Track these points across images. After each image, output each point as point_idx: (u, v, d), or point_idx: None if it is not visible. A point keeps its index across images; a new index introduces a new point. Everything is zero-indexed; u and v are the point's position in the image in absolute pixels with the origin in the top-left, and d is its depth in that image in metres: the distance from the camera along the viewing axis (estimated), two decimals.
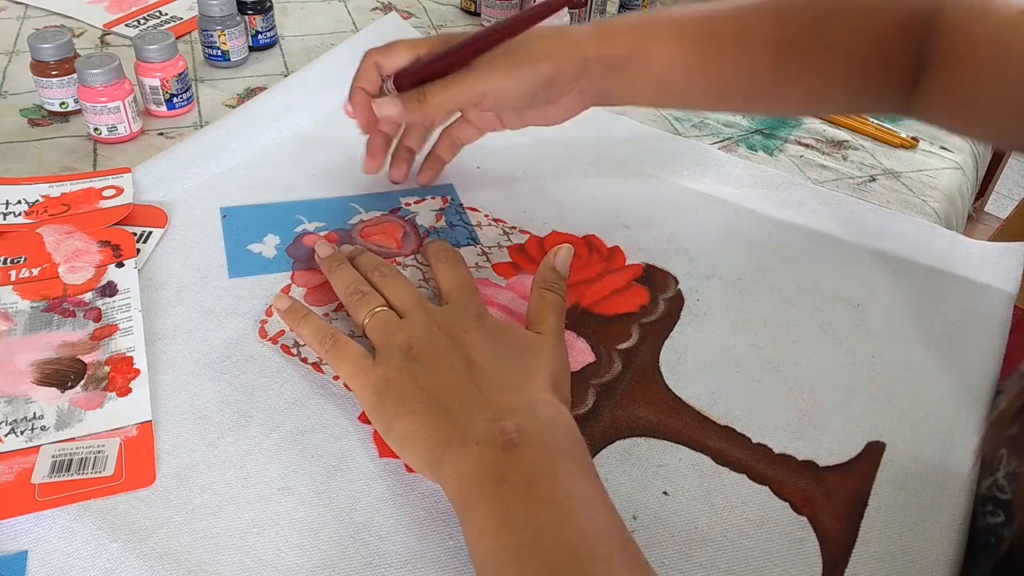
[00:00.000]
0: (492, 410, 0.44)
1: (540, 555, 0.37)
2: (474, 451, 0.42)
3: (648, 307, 0.60)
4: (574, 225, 0.67)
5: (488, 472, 0.41)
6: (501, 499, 0.40)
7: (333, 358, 0.51)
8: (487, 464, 0.41)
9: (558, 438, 0.43)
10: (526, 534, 0.38)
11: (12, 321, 0.54)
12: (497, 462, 0.41)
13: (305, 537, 0.44)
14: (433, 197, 0.69)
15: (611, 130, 0.80)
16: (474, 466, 0.41)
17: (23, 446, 0.47)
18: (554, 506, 0.39)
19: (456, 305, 0.53)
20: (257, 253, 0.62)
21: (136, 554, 0.42)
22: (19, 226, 0.61)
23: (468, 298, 0.54)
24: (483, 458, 0.41)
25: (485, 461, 0.41)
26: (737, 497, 0.48)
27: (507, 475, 0.40)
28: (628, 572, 0.37)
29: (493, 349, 0.48)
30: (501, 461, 0.41)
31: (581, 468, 0.42)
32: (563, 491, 0.40)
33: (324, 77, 0.82)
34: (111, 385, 0.50)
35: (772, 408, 0.54)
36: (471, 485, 0.41)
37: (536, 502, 0.39)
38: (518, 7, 0.95)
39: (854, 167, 0.79)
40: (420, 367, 0.47)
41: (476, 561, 0.40)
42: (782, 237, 0.68)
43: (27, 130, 0.75)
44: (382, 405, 0.47)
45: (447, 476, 0.43)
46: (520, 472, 0.40)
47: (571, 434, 0.44)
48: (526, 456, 0.41)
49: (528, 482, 0.40)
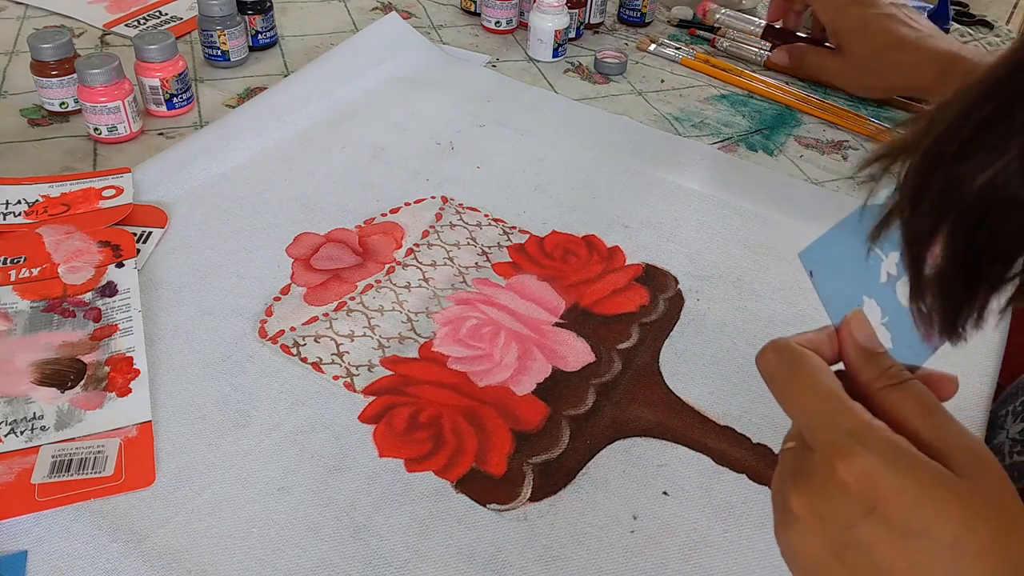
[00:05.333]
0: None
1: None
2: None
3: (648, 307, 0.60)
4: (574, 225, 0.67)
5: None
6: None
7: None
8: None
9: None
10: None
11: (12, 321, 0.54)
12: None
13: (305, 537, 0.44)
14: (433, 197, 0.69)
15: (611, 130, 0.80)
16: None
17: (23, 446, 0.46)
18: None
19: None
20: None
21: (136, 554, 0.42)
22: (19, 226, 0.61)
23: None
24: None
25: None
26: (737, 497, 0.48)
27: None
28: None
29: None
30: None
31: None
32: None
33: (324, 77, 0.82)
34: (111, 385, 0.50)
35: (772, 408, 0.53)
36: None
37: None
38: (517, 7, 0.95)
39: (854, 167, 0.79)
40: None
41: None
42: (782, 237, 0.68)
43: (27, 130, 0.75)
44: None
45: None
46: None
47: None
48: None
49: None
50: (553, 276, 0.62)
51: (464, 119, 0.79)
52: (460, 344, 0.56)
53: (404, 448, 0.49)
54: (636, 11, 1.00)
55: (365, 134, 0.76)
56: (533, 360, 0.55)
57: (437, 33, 0.96)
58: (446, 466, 0.48)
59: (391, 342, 0.56)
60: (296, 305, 0.58)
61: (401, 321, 0.58)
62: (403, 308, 0.59)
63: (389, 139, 0.75)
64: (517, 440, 0.50)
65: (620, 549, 0.45)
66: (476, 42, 0.95)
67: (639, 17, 1.00)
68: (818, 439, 0.32)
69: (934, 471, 0.30)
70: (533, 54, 0.92)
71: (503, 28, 0.95)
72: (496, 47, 0.94)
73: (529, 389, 0.53)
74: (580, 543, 0.45)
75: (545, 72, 0.90)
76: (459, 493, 0.47)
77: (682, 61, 0.94)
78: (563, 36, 0.90)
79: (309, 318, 0.57)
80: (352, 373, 0.54)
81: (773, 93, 0.88)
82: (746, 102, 0.88)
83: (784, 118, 0.86)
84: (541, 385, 0.54)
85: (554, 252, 0.65)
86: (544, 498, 0.47)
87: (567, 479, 0.48)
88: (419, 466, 0.48)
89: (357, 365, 0.54)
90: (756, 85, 0.89)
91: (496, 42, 0.95)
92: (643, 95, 0.88)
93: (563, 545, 0.45)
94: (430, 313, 0.58)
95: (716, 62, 0.93)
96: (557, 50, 0.91)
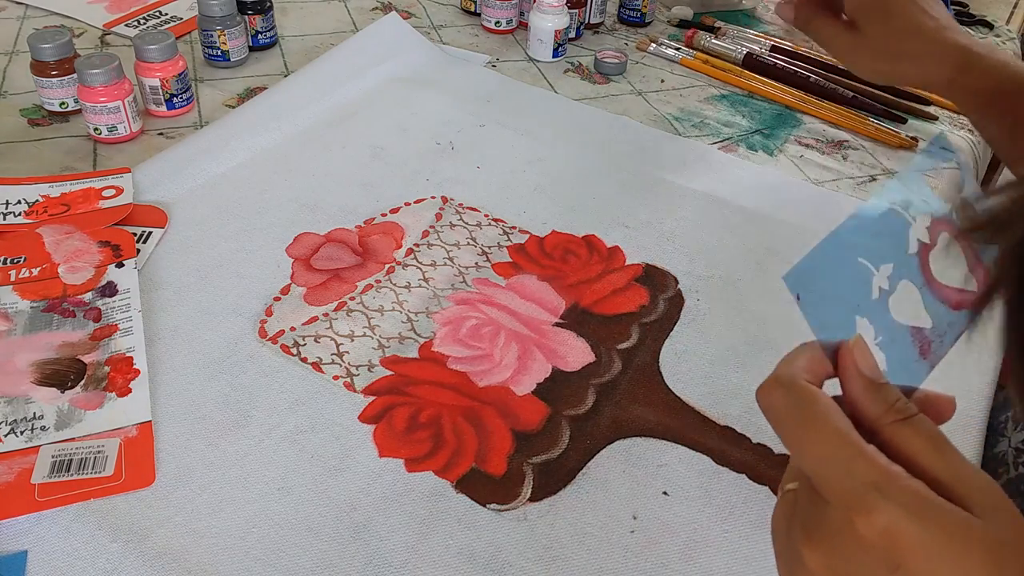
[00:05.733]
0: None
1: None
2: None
3: (648, 307, 0.60)
4: (574, 225, 0.67)
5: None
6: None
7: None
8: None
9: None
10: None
11: (12, 321, 0.54)
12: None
13: (305, 537, 0.44)
14: (433, 197, 0.69)
15: (611, 130, 0.80)
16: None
17: (23, 446, 0.46)
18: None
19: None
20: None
21: (136, 554, 0.42)
22: (19, 226, 0.61)
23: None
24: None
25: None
26: (737, 497, 0.48)
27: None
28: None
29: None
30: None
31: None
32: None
33: (324, 77, 0.82)
34: (111, 385, 0.50)
35: None
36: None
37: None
38: (517, 7, 0.95)
39: (854, 167, 0.79)
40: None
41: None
42: (782, 237, 0.68)
43: (27, 130, 0.75)
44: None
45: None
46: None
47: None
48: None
49: None
50: (553, 276, 0.62)
51: (464, 119, 0.79)
52: (460, 344, 0.56)
53: (404, 448, 0.49)
54: (636, 11, 1.00)
55: (365, 134, 0.76)
56: (533, 360, 0.55)
57: (437, 33, 0.96)
58: (446, 466, 0.48)
59: (391, 342, 0.56)
60: (296, 305, 0.58)
61: (401, 321, 0.58)
62: (403, 308, 0.59)
63: (389, 139, 0.75)
64: (517, 440, 0.50)
65: (620, 549, 0.45)
66: (476, 42, 0.95)
67: (639, 17, 1.00)
68: (834, 490, 0.30)
69: (958, 520, 0.28)
70: (533, 54, 0.92)
71: (503, 28, 0.95)
72: (496, 47, 0.94)
73: (529, 389, 0.53)
74: (580, 543, 0.45)
75: (545, 72, 0.90)
76: (459, 493, 0.47)
77: (682, 61, 0.94)
78: (563, 36, 0.90)
79: (309, 318, 0.57)
80: (352, 373, 0.54)
81: (773, 93, 0.88)
82: (746, 102, 0.88)
83: (784, 118, 0.86)
84: (541, 385, 0.54)
85: (554, 252, 0.65)
86: (544, 498, 0.47)
87: (567, 479, 0.48)
88: (419, 466, 0.48)
89: (357, 365, 0.54)
90: (756, 85, 0.89)
91: (496, 42, 0.95)
92: (643, 95, 0.88)
93: (563, 545, 0.45)
94: (430, 313, 0.58)
95: (716, 62, 0.93)
96: (557, 50, 0.91)
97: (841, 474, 0.29)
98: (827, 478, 0.30)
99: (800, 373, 0.33)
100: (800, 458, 0.31)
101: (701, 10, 1.04)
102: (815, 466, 0.31)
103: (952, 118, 0.89)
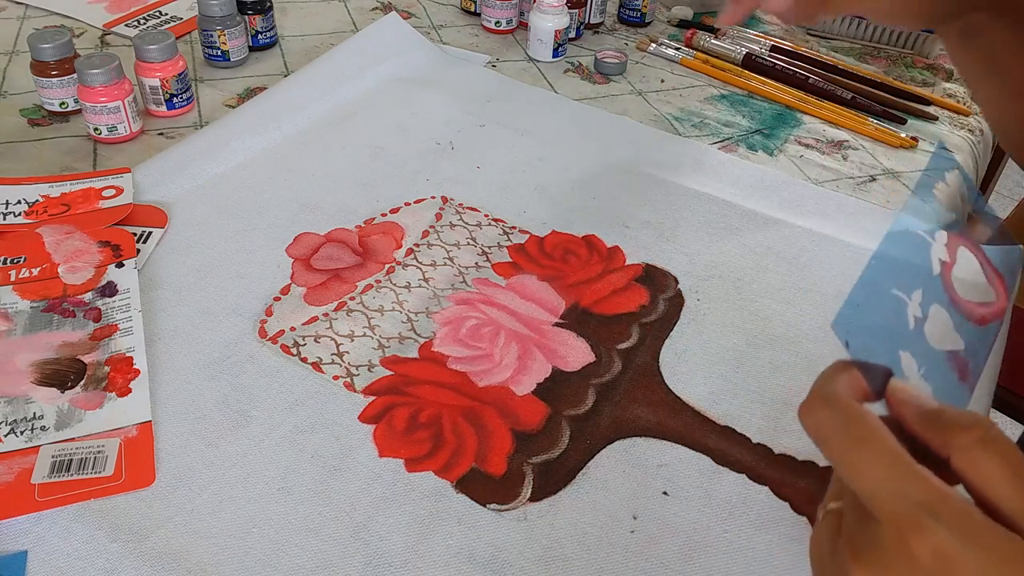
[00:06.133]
0: None
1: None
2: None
3: (648, 307, 0.60)
4: (574, 225, 0.67)
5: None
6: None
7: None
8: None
9: None
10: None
11: (12, 321, 0.54)
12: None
13: (305, 537, 0.44)
14: (433, 197, 0.69)
15: (611, 130, 0.80)
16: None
17: (23, 446, 0.46)
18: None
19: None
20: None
21: (136, 554, 0.42)
22: (19, 226, 0.61)
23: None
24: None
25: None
26: (737, 497, 0.48)
27: None
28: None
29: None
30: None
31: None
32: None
33: (324, 77, 0.82)
34: (111, 385, 0.50)
35: (772, 408, 0.54)
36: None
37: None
38: (517, 7, 0.95)
39: (854, 167, 0.79)
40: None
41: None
42: (782, 237, 0.68)
43: (27, 130, 0.75)
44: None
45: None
46: None
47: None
48: None
49: None
50: (553, 276, 0.62)
51: (464, 119, 0.79)
52: (460, 344, 0.56)
53: (404, 448, 0.49)
54: (636, 11, 1.00)
55: (365, 134, 0.76)
56: (533, 360, 0.55)
57: (437, 33, 0.96)
58: (446, 466, 0.48)
59: (391, 342, 0.56)
60: (296, 305, 0.58)
61: (401, 321, 0.58)
62: (403, 308, 0.59)
63: (389, 139, 0.75)
64: (517, 440, 0.50)
65: (620, 549, 0.45)
66: (476, 42, 0.95)
67: (639, 17, 1.00)
68: (885, 509, 0.29)
69: (1013, 546, 0.28)
70: (533, 54, 0.92)
71: (503, 28, 0.95)
72: (496, 47, 0.94)
73: (529, 389, 0.53)
74: (580, 543, 0.45)
75: (545, 72, 0.90)
76: (459, 493, 0.47)
77: (682, 61, 0.94)
78: (563, 36, 0.90)
79: (309, 318, 0.57)
80: (352, 373, 0.54)
81: (773, 93, 0.88)
82: (746, 102, 0.88)
83: (784, 118, 0.86)
84: (541, 385, 0.54)
85: (554, 252, 0.65)
86: (544, 498, 0.47)
87: (567, 479, 0.48)
88: (419, 466, 0.48)
89: (357, 365, 0.54)
90: (756, 85, 0.89)
91: (496, 42, 0.95)
92: (643, 95, 0.88)
93: (563, 545, 0.45)
94: (430, 313, 0.58)
95: (716, 62, 0.93)
96: (557, 50, 0.91)
97: (893, 493, 0.29)
98: (878, 497, 0.29)
99: (845, 390, 0.32)
100: (850, 477, 0.31)
101: (701, 10, 1.04)
102: (866, 485, 0.30)
103: (952, 118, 0.89)
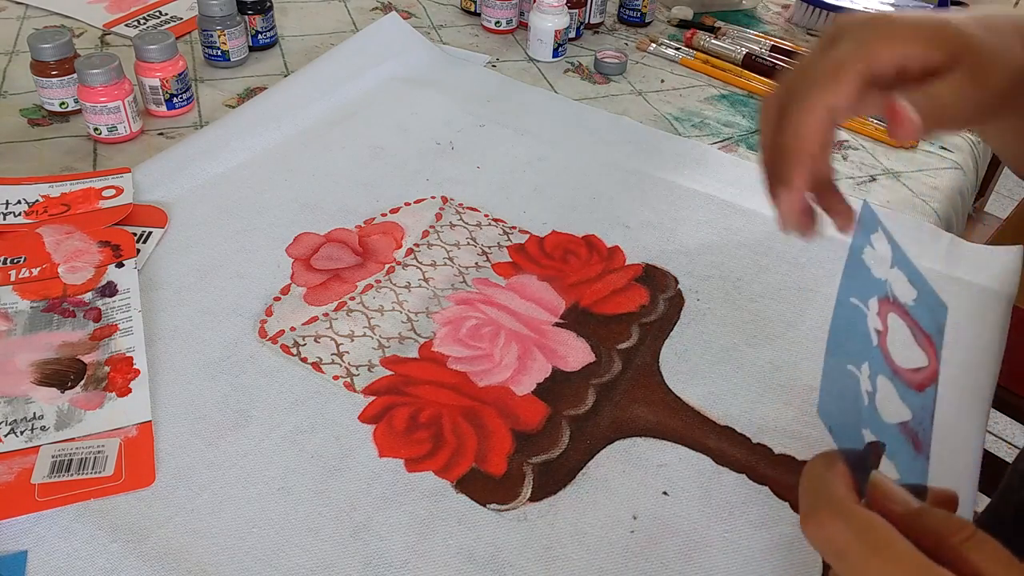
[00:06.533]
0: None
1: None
2: None
3: (648, 307, 0.60)
4: (574, 225, 0.67)
5: None
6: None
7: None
8: None
9: None
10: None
11: (12, 321, 0.54)
12: None
13: (305, 537, 0.44)
14: (433, 197, 0.69)
15: (611, 130, 0.80)
16: None
17: (23, 446, 0.46)
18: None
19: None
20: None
21: (136, 554, 0.42)
22: (19, 226, 0.61)
23: None
24: None
25: None
26: (737, 497, 0.48)
27: None
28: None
29: None
30: None
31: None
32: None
33: (324, 77, 0.82)
34: (111, 385, 0.50)
35: (772, 408, 0.54)
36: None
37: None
38: (517, 7, 0.95)
39: (854, 167, 0.79)
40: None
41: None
42: (782, 237, 0.68)
43: (27, 130, 0.75)
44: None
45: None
46: None
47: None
48: None
49: None
50: (553, 276, 0.62)
51: (464, 119, 0.79)
52: (460, 344, 0.56)
53: (404, 448, 0.49)
54: (636, 11, 1.00)
55: (365, 134, 0.76)
56: (533, 360, 0.55)
57: (437, 33, 0.96)
58: (446, 466, 0.48)
59: (391, 342, 0.56)
60: (296, 305, 0.58)
61: (401, 321, 0.58)
62: (403, 308, 0.59)
63: (389, 139, 0.75)
64: (517, 440, 0.50)
65: (620, 549, 0.45)
66: (476, 42, 0.95)
67: (639, 17, 1.00)
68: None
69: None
70: (533, 54, 0.92)
71: (503, 28, 0.95)
72: (496, 47, 0.94)
73: (529, 389, 0.53)
74: (580, 543, 0.45)
75: (545, 72, 0.90)
76: (459, 493, 0.47)
77: (682, 61, 0.94)
78: (563, 36, 0.90)
79: (309, 318, 0.57)
80: (352, 373, 0.54)
81: None
82: (746, 102, 0.88)
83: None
84: (541, 385, 0.54)
85: (554, 252, 0.65)
86: (544, 498, 0.47)
87: (567, 479, 0.48)
88: (419, 466, 0.48)
89: (357, 365, 0.54)
90: (756, 85, 0.89)
91: (496, 42, 0.95)
92: (643, 95, 0.88)
93: (563, 545, 0.45)
94: (430, 313, 0.58)
95: (716, 62, 0.93)
96: (557, 50, 0.91)
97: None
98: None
99: (846, 494, 0.32)
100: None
101: (701, 10, 1.04)
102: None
103: None
